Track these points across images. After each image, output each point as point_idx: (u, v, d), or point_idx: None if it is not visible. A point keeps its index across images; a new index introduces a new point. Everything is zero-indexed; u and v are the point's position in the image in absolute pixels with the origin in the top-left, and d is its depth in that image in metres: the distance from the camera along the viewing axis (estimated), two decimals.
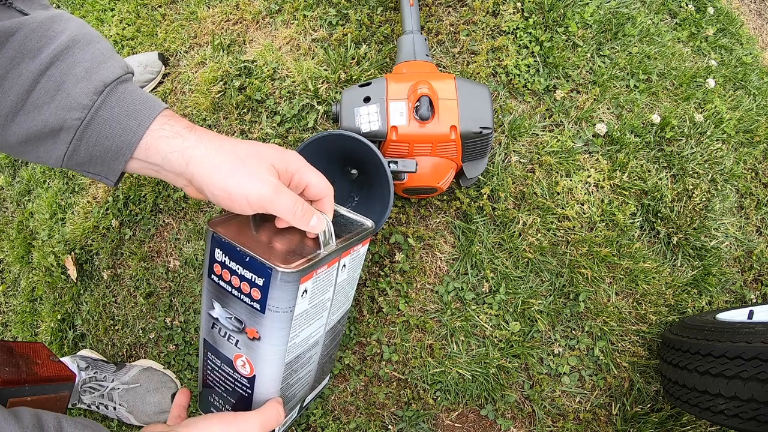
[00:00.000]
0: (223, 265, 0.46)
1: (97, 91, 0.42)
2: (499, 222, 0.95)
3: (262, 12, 1.13)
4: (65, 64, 0.42)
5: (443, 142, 0.79)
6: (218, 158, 0.43)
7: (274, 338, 0.47)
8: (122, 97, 0.43)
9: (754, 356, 0.63)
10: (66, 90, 0.41)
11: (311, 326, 0.54)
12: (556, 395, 0.89)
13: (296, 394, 0.60)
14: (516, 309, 0.91)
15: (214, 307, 0.49)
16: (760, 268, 1.01)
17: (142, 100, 0.44)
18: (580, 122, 1.02)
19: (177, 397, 0.58)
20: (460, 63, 1.05)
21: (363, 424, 0.87)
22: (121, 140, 0.42)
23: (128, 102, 0.43)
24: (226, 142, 0.44)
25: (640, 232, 0.98)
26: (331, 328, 0.62)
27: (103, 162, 0.44)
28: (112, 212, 1.06)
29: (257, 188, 0.42)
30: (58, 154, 0.43)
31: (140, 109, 0.43)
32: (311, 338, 0.56)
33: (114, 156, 0.43)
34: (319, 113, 1.00)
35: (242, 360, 0.50)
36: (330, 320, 0.60)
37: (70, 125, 0.41)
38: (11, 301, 1.18)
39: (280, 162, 0.45)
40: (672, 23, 1.19)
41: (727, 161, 1.05)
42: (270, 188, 0.43)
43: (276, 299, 0.44)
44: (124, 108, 0.43)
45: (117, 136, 0.42)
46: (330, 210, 0.50)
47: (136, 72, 1.09)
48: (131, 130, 0.42)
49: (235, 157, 0.43)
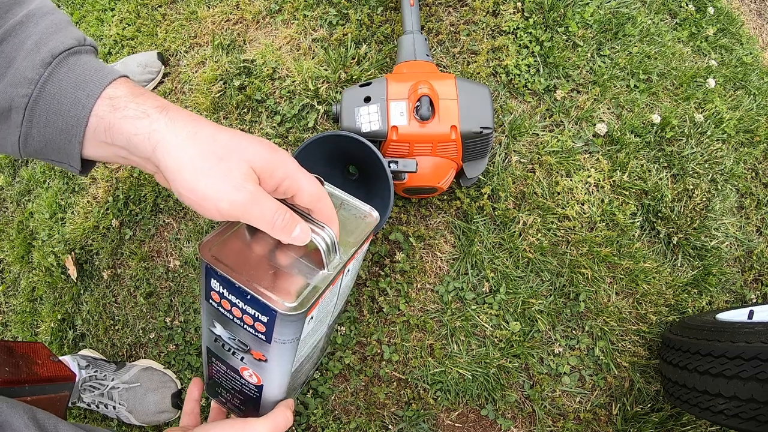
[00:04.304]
0: (222, 296, 0.42)
1: (45, 63, 0.37)
2: (500, 222, 0.95)
3: (262, 12, 1.13)
4: (17, 40, 0.38)
5: (443, 142, 0.79)
6: (189, 150, 0.36)
7: (282, 362, 0.46)
8: (72, 68, 0.38)
9: (754, 356, 0.63)
10: (15, 66, 0.37)
11: (316, 335, 0.53)
12: (556, 395, 0.89)
13: (299, 382, 0.61)
14: (516, 309, 0.91)
15: (215, 326, 0.46)
16: (760, 268, 1.01)
17: (94, 70, 0.38)
18: (581, 122, 1.02)
19: (190, 390, 0.58)
20: (461, 63, 1.05)
21: (363, 424, 0.87)
22: (70, 116, 0.37)
23: (78, 73, 0.38)
24: (202, 128, 0.38)
25: (640, 232, 0.98)
26: (332, 322, 0.62)
27: (59, 145, 0.39)
28: (112, 212, 1.06)
29: (230, 195, 0.36)
30: (13, 140, 0.38)
31: (90, 79, 0.37)
32: (315, 343, 0.56)
33: (67, 137, 0.38)
34: (320, 113, 1.00)
35: (249, 372, 0.49)
36: (332, 318, 0.60)
37: (18, 104, 0.37)
38: (11, 301, 1.18)
39: (265, 164, 0.38)
40: (672, 23, 1.19)
41: (728, 161, 1.05)
42: (245, 196, 0.36)
43: (282, 334, 0.42)
44: (72, 80, 0.37)
45: (66, 111, 0.37)
46: (330, 218, 0.43)
47: (136, 72, 1.09)
48: (80, 102, 0.37)
49: (209, 150, 0.37)
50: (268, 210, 0.38)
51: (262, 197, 0.37)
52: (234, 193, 0.36)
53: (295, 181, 0.40)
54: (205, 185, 0.36)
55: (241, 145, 0.38)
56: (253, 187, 0.37)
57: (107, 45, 1.22)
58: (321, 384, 0.88)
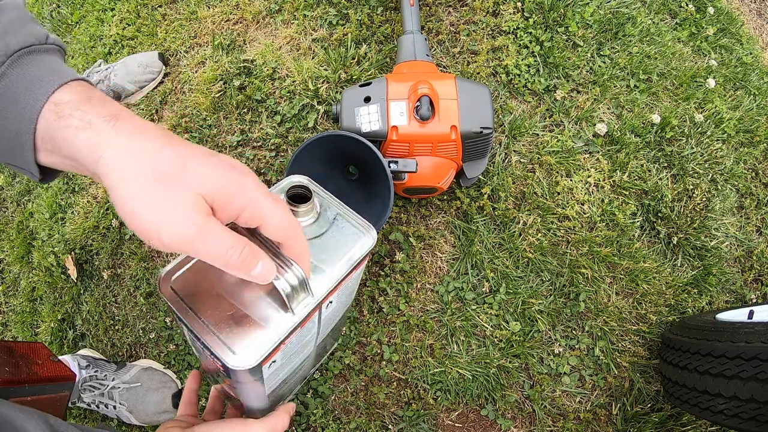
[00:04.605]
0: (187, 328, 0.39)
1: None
2: (500, 222, 0.95)
3: (262, 12, 1.13)
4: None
5: (443, 141, 0.79)
6: (132, 169, 0.31)
7: (251, 393, 0.46)
8: (26, 68, 0.35)
9: (754, 356, 0.63)
10: None
11: (293, 362, 0.51)
12: (556, 395, 0.89)
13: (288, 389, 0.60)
14: (516, 309, 0.91)
15: (190, 342, 0.45)
16: (760, 268, 1.01)
17: (49, 71, 0.35)
18: (581, 122, 1.02)
19: (189, 381, 0.58)
20: (461, 63, 1.05)
21: (363, 424, 0.87)
22: (21, 120, 0.34)
23: (32, 74, 0.34)
24: (150, 140, 0.32)
25: (640, 232, 0.98)
26: (324, 338, 0.60)
27: (14, 150, 0.35)
28: (112, 212, 1.06)
29: (173, 228, 0.31)
30: None
31: (41, 81, 0.34)
32: (301, 362, 0.55)
33: (20, 142, 0.34)
34: (320, 113, 1.00)
35: (229, 386, 0.49)
36: (320, 338, 0.57)
37: None
38: (11, 301, 1.18)
39: (219, 192, 0.33)
40: (672, 23, 1.19)
41: (728, 161, 1.05)
42: (190, 230, 0.31)
43: (241, 379, 0.40)
44: (24, 81, 0.34)
45: (18, 115, 0.34)
46: (300, 255, 0.38)
47: (136, 72, 1.09)
48: (28, 106, 0.33)
49: (153, 173, 0.31)
50: (219, 246, 0.32)
51: (212, 231, 0.32)
52: (178, 226, 0.31)
53: (257, 211, 0.34)
54: (147, 214, 0.31)
55: (191, 168, 0.32)
56: (200, 219, 0.32)
57: (107, 45, 1.22)
58: (321, 384, 0.88)
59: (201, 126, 1.05)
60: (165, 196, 0.31)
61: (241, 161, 1.01)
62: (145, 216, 0.31)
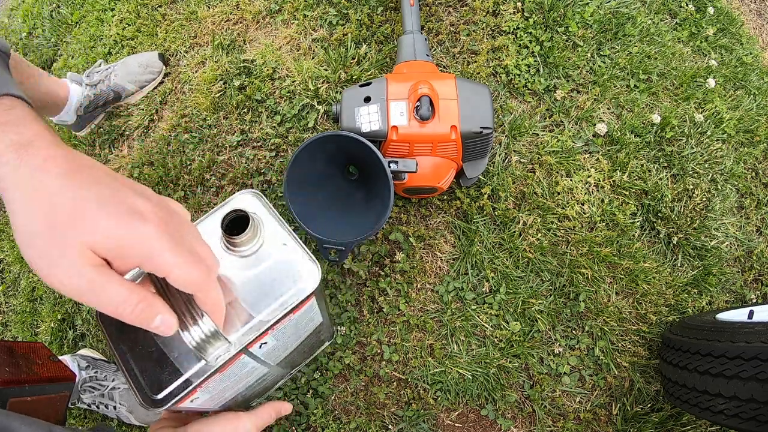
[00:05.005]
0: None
1: None
2: (500, 222, 0.95)
3: (262, 12, 1.13)
4: None
5: (443, 141, 0.79)
6: (29, 209, 0.30)
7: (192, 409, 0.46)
8: None
9: (754, 356, 0.63)
10: None
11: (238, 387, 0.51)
12: (556, 395, 0.89)
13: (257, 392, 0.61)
14: (516, 309, 0.91)
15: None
16: (760, 268, 1.01)
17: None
18: (581, 122, 1.02)
19: None
20: (461, 63, 1.05)
21: (363, 424, 0.87)
22: None
23: None
24: (51, 178, 0.31)
25: (640, 232, 0.98)
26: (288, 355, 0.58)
27: None
28: None
29: (64, 279, 0.30)
30: None
31: None
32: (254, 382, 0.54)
33: None
34: (320, 113, 1.00)
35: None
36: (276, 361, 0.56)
37: None
38: (11, 301, 1.18)
39: (113, 246, 0.31)
40: (672, 23, 1.19)
41: (728, 161, 1.05)
42: (79, 283, 0.30)
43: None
44: None
45: None
46: (213, 308, 0.36)
47: (137, 72, 1.09)
48: None
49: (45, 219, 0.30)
50: (110, 300, 0.31)
51: (104, 285, 0.31)
52: (68, 277, 0.30)
53: (157, 264, 0.32)
54: (41, 264, 0.30)
55: (86, 217, 0.30)
56: (90, 272, 0.30)
57: (107, 45, 1.22)
58: (321, 384, 0.88)
59: (201, 126, 1.05)
60: (54, 250, 0.30)
61: (241, 161, 1.01)
62: (39, 265, 0.30)
